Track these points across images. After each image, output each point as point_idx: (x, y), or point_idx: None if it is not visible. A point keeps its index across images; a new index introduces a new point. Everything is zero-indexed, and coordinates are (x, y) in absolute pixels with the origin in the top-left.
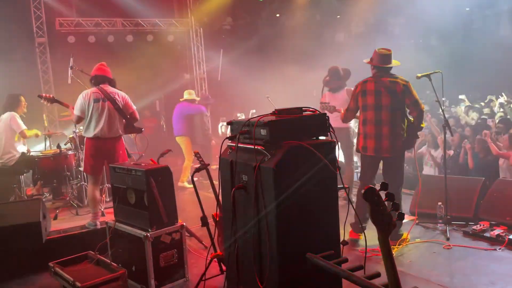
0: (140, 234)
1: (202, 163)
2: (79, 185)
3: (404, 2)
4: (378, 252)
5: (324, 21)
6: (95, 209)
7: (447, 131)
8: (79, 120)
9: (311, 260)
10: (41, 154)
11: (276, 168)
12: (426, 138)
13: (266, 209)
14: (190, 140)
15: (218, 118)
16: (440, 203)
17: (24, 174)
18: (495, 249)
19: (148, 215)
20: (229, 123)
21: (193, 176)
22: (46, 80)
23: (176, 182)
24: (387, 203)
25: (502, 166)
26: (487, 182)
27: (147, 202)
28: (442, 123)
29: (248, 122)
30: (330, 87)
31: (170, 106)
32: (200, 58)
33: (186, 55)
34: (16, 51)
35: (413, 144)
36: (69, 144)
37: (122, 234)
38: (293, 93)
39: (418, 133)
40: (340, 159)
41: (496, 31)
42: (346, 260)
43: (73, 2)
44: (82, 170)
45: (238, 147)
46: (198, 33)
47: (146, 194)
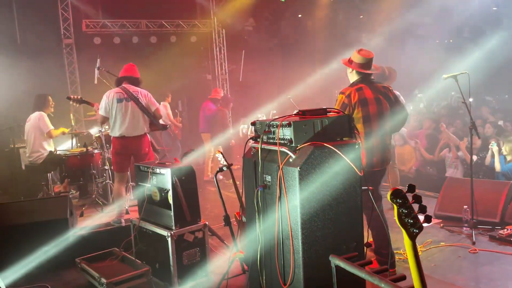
0: (164, 232)
1: (226, 163)
2: (105, 183)
3: (429, 2)
4: (401, 255)
5: (347, 21)
6: (120, 207)
7: (474, 134)
8: (104, 120)
9: (335, 262)
10: (69, 153)
11: (301, 169)
12: (449, 142)
13: (290, 210)
14: (211, 137)
15: (239, 119)
16: (466, 207)
17: (52, 172)
18: None
19: (172, 214)
20: (253, 124)
21: (217, 176)
22: (73, 81)
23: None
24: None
25: None
26: None
27: (171, 201)
28: (469, 125)
29: (272, 123)
30: None
31: (193, 106)
32: (222, 59)
33: (208, 56)
34: (44, 52)
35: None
36: (95, 143)
37: (146, 232)
38: (315, 94)
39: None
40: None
41: None
42: (371, 262)
43: (99, 4)
44: (109, 169)
45: (262, 148)
46: (221, 34)
47: (170, 193)
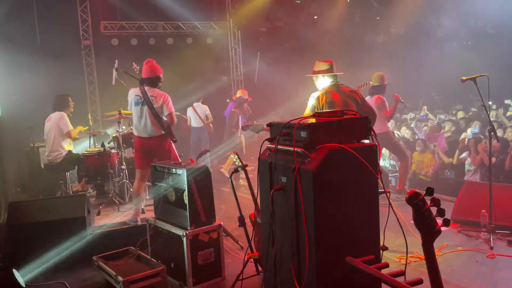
0: (179, 232)
1: (241, 164)
2: (121, 183)
3: (447, 3)
4: (417, 259)
5: (363, 23)
6: (138, 205)
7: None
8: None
9: (351, 264)
10: (86, 152)
11: (317, 171)
12: (468, 145)
13: (305, 212)
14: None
15: (254, 121)
16: (484, 211)
17: (70, 171)
18: None
19: (187, 214)
20: (269, 125)
21: (232, 177)
22: (91, 81)
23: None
24: (432, 209)
25: None
26: None
27: (187, 201)
28: (488, 128)
29: (288, 124)
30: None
31: (209, 108)
32: (238, 61)
33: (224, 58)
34: (63, 53)
35: None
36: (112, 143)
37: (162, 231)
38: None
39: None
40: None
41: None
42: (387, 266)
43: (117, 6)
44: (125, 168)
45: (278, 149)
46: (236, 36)
47: (186, 193)
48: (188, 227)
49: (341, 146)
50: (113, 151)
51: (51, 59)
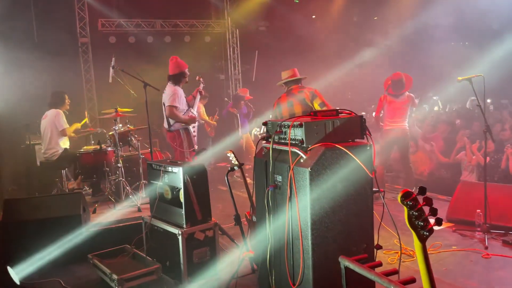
0: (175, 230)
1: (237, 163)
2: (118, 181)
3: (444, 4)
4: (412, 258)
5: (361, 23)
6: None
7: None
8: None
9: (345, 263)
10: (82, 150)
11: (312, 170)
12: (465, 144)
13: (300, 210)
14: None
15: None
16: (479, 211)
17: (66, 169)
18: None
19: (183, 212)
20: (265, 124)
21: (228, 175)
22: (88, 79)
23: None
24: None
25: None
26: None
27: (183, 199)
28: (483, 128)
29: (284, 123)
30: (392, 93)
31: (206, 106)
32: (236, 59)
33: (222, 56)
34: (60, 51)
35: None
36: (109, 141)
37: (157, 230)
38: (328, 95)
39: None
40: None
41: None
42: (380, 264)
43: (115, 4)
44: (121, 166)
45: (273, 148)
46: (234, 35)
47: (182, 192)
48: (184, 226)
49: (336, 145)
50: (109, 149)
51: (48, 57)
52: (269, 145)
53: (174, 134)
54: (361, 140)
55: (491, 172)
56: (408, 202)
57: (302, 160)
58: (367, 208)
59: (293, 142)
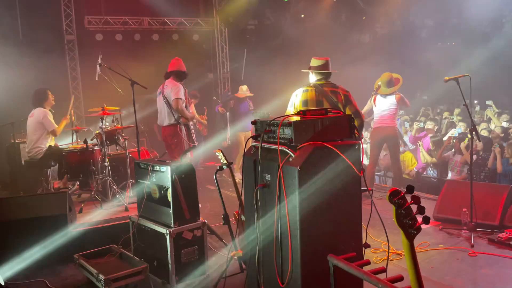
0: (163, 230)
1: (225, 162)
2: (104, 180)
3: (432, 5)
4: (400, 256)
5: (350, 22)
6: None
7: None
8: None
9: (333, 262)
10: (68, 149)
11: (301, 169)
12: (453, 144)
13: (289, 209)
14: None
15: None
16: (465, 209)
17: (51, 168)
18: None
19: (171, 211)
20: (253, 122)
21: (216, 174)
22: (74, 77)
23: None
24: (413, 206)
25: None
26: None
27: (170, 199)
28: (470, 127)
29: (273, 122)
30: (381, 93)
31: (195, 105)
32: (224, 58)
33: (211, 55)
34: (46, 48)
35: None
36: (95, 140)
37: (145, 229)
38: None
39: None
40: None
41: None
42: (368, 263)
43: (102, 1)
44: (108, 165)
45: (262, 147)
46: (223, 33)
47: (170, 191)
48: (172, 225)
49: (324, 144)
50: (96, 148)
51: (33, 54)
52: (258, 144)
53: (175, 130)
54: (350, 139)
55: (478, 171)
56: (397, 201)
57: (291, 159)
58: (356, 207)
59: (282, 141)
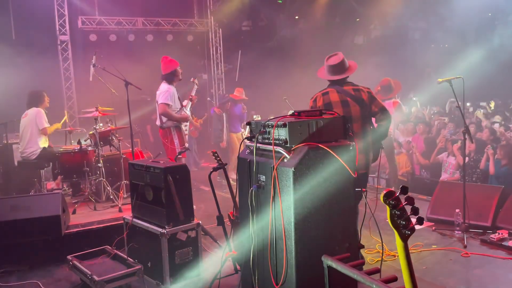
0: (157, 231)
1: (220, 163)
2: (98, 181)
3: (425, 7)
4: (394, 257)
5: (343, 24)
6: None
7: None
8: None
9: (327, 262)
10: (62, 150)
11: (295, 169)
12: (446, 145)
13: (283, 210)
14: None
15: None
16: (458, 210)
17: (45, 169)
18: None
19: (165, 212)
20: (248, 124)
21: (211, 175)
22: (67, 77)
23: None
24: (407, 207)
25: None
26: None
27: (165, 200)
28: (462, 129)
29: (267, 123)
30: (380, 98)
31: (193, 107)
32: (218, 59)
33: (205, 55)
34: (39, 48)
35: (379, 155)
36: (89, 141)
37: (139, 230)
38: (311, 95)
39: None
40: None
41: None
42: (363, 263)
43: (96, 1)
44: (102, 166)
45: (257, 147)
46: (217, 34)
47: (164, 192)
48: (166, 226)
49: (319, 145)
50: (90, 149)
51: (27, 54)
52: (253, 145)
53: (166, 131)
54: (344, 140)
55: (470, 173)
56: (391, 201)
57: (286, 160)
58: (350, 208)
59: (277, 142)
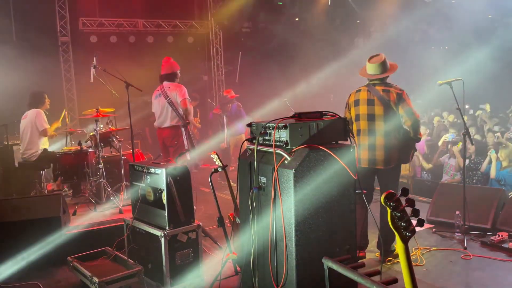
0: (157, 232)
1: (221, 164)
2: (98, 182)
3: (425, 9)
4: (395, 259)
5: (344, 26)
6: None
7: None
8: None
9: (328, 264)
10: (62, 151)
11: (296, 171)
12: (448, 148)
13: (284, 211)
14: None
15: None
16: (458, 212)
17: (45, 170)
18: None
19: (166, 214)
20: (249, 125)
21: (211, 177)
22: (68, 79)
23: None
24: (408, 209)
25: None
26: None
27: (165, 201)
28: (463, 131)
29: (268, 125)
30: None
31: (194, 108)
32: (219, 60)
33: (205, 57)
34: (40, 50)
35: (411, 157)
36: (89, 142)
37: (139, 232)
38: (311, 97)
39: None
40: None
41: None
42: (363, 265)
43: (96, 2)
44: (103, 167)
45: (257, 149)
46: (218, 36)
47: (165, 193)
48: (167, 227)
49: (319, 147)
50: (90, 150)
51: (27, 56)
52: (254, 147)
53: (178, 131)
54: (345, 142)
55: (470, 175)
56: (391, 203)
57: (287, 162)
58: (350, 210)
59: (278, 144)
